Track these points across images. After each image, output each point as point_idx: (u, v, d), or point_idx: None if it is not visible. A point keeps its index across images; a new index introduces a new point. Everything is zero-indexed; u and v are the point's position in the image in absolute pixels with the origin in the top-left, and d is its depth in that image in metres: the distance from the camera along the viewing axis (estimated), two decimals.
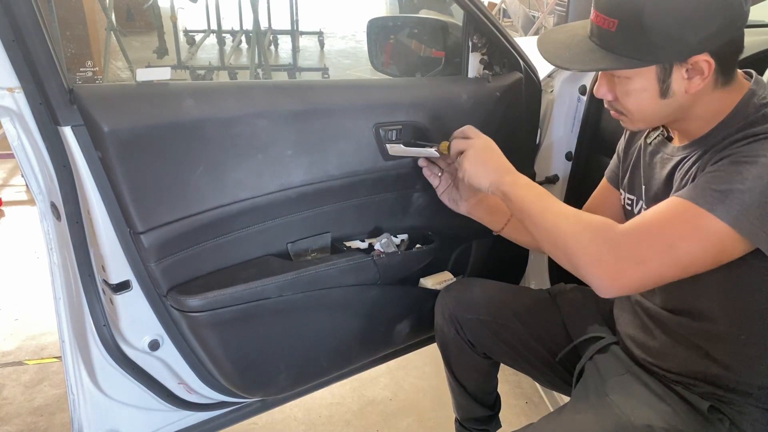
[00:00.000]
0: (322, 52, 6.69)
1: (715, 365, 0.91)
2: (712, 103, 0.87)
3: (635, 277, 0.82)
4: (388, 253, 1.32)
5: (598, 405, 0.98)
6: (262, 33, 5.30)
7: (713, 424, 0.90)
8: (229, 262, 1.15)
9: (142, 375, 1.20)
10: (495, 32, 1.31)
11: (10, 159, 3.58)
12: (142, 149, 0.97)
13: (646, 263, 0.81)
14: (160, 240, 1.02)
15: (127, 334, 1.11)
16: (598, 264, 0.84)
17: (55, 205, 1.03)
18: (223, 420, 1.40)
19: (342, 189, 1.22)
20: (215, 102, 1.04)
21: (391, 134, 1.24)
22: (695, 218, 0.79)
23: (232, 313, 1.12)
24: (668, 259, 0.81)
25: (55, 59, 0.89)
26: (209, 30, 6.21)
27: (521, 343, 1.21)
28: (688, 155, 0.91)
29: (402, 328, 1.42)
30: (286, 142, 1.11)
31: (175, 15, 5.24)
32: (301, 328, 1.26)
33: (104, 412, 1.21)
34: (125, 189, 0.97)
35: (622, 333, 1.08)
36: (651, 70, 0.84)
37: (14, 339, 2.04)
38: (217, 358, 1.18)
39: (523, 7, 5.80)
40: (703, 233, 0.79)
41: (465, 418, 1.40)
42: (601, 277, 0.83)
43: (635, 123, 0.94)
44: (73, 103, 0.91)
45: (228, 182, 1.07)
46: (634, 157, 1.07)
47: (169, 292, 1.08)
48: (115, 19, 4.86)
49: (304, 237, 1.23)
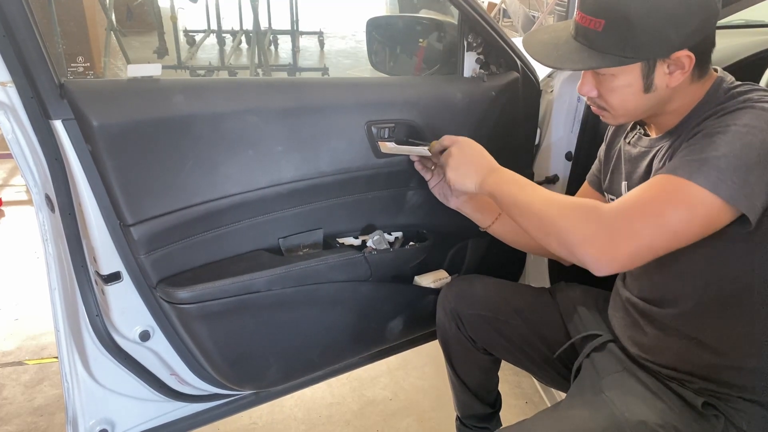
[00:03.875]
0: (322, 52, 6.69)
1: (706, 353, 0.93)
2: (687, 95, 0.92)
3: (629, 251, 0.83)
4: (380, 250, 1.32)
5: (593, 401, 0.99)
6: (262, 33, 5.31)
7: (708, 420, 0.91)
8: (219, 255, 1.16)
9: (134, 365, 1.21)
10: (490, 32, 1.31)
11: (10, 159, 3.58)
12: (132, 143, 0.99)
13: (638, 236, 0.83)
14: (150, 232, 1.04)
15: (118, 325, 1.13)
16: (591, 242, 0.84)
17: (50, 197, 1.05)
18: (217, 412, 1.41)
19: (334, 186, 1.23)
20: (205, 98, 1.06)
21: (384, 132, 1.24)
22: (677, 188, 0.81)
23: (221, 305, 1.13)
24: (658, 230, 0.82)
25: (45, 55, 0.91)
26: (209, 30, 6.21)
27: (521, 339, 1.22)
28: (663, 144, 0.95)
29: (395, 326, 1.43)
30: (276, 138, 1.13)
31: (175, 15, 5.24)
32: (291, 322, 1.27)
33: (98, 401, 1.23)
34: (114, 182, 0.99)
35: (617, 331, 1.09)
36: (636, 66, 0.88)
37: (14, 339, 2.04)
38: (206, 350, 1.19)
39: (523, 7, 5.80)
40: (687, 201, 0.81)
41: (466, 415, 1.41)
42: (596, 254, 0.84)
43: (617, 118, 0.97)
44: (63, 98, 0.93)
45: (218, 177, 1.08)
46: (615, 158, 1.11)
47: (158, 284, 1.09)
48: (114, 19, 4.86)
49: (296, 233, 1.24)
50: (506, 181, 1.03)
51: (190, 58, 5.70)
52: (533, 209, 0.94)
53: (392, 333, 1.44)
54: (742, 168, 0.78)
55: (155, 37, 5.52)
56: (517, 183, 1.01)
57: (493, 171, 1.06)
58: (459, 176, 1.09)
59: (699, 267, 0.91)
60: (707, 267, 0.91)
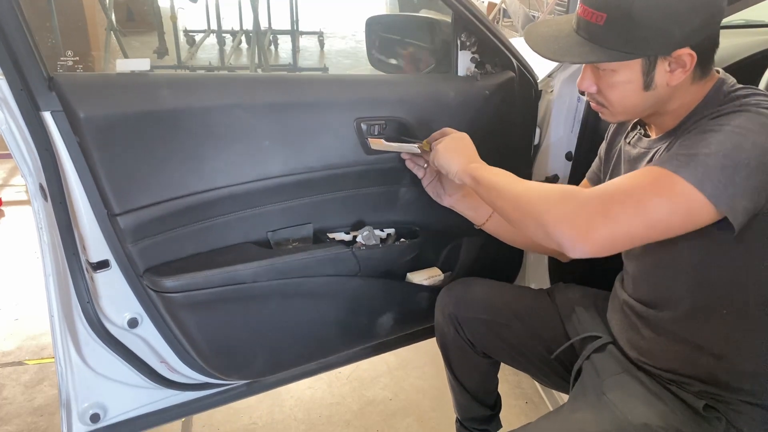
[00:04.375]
0: (322, 52, 6.69)
1: (704, 356, 0.92)
2: (688, 96, 0.91)
3: (604, 234, 0.81)
4: (369, 246, 1.32)
5: (595, 404, 0.98)
6: (262, 33, 5.31)
7: (710, 423, 0.91)
8: (207, 247, 1.18)
9: (125, 351, 1.24)
10: (484, 31, 1.31)
11: (11, 159, 3.58)
12: (119, 135, 1.02)
13: (615, 219, 0.81)
14: (137, 222, 1.07)
15: (108, 311, 1.16)
16: (567, 221, 0.83)
17: (43, 186, 1.08)
18: (208, 401, 1.43)
19: (323, 181, 1.24)
20: (192, 92, 1.09)
21: (374, 129, 1.25)
22: (662, 178, 0.81)
23: (206, 295, 1.16)
24: (637, 217, 0.81)
25: (33, 48, 0.95)
26: (209, 30, 6.21)
27: (520, 342, 1.21)
28: (661, 145, 0.95)
29: (386, 322, 1.44)
30: (263, 133, 1.15)
31: (175, 15, 5.23)
32: (278, 314, 1.28)
33: (90, 386, 1.25)
34: (102, 172, 1.02)
35: (616, 333, 1.09)
36: (636, 63, 0.87)
37: (14, 339, 2.04)
38: (192, 338, 1.21)
39: (523, 7, 5.80)
40: (670, 192, 0.80)
41: (465, 417, 1.40)
42: (571, 234, 0.82)
43: (616, 115, 0.97)
44: (51, 90, 0.97)
45: (204, 170, 1.11)
46: (615, 158, 1.10)
47: (145, 273, 1.12)
48: (114, 19, 4.86)
49: (286, 227, 1.26)
50: (489, 169, 1.05)
51: (190, 58, 5.70)
52: (512, 192, 0.94)
53: (383, 329, 1.45)
54: (729, 168, 0.78)
55: (155, 37, 5.51)
56: (500, 172, 1.03)
57: (478, 161, 1.10)
58: (444, 160, 1.12)
59: (691, 268, 0.91)
60: (699, 268, 0.90)
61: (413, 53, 1.64)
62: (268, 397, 1.78)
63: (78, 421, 1.26)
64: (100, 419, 1.27)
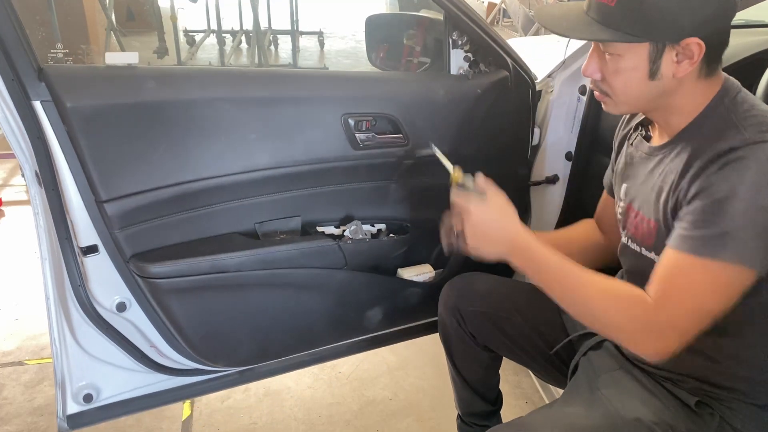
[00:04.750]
0: (322, 52, 6.70)
1: (700, 358, 0.92)
2: (692, 94, 0.89)
3: (679, 343, 0.85)
4: (356, 240, 1.33)
5: (589, 399, 0.99)
6: (262, 33, 5.31)
7: (702, 419, 0.91)
8: (194, 236, 1.21)
9: (115, 334, 1.27)
10: (477, 30, 1.32)
11: (10, 159, 3.58)
12: (105, 125, 1.06)
13: (685, 330, 0.84)
14: (123, 209, 1.11)
15: (97, 295, 1.19)
16: (642, 341, 0.87)
17: (38, 173, 1.11)
18: (200, 387, 1.44)
19: (310, 175, 1.26)
20: (178, 85, 1.12)
21: (361, 125, 1.27)
22: (709, 272, 0.82)
23: (191, 282, 1.18)
24: (702, 319, 0.84)
25: (22, 41, 1.00)
26: (209, 30, 6.21)
27: (521, 335, 1.22)
28: (664, 156, 0.94)
29: (374, 316, 1.44)
30: (250, 126, 1.17)
31: (175, 15, 5.23)
32: (263, 303, 1.31)
33: (84, 367, 1.28)
34: (89, 160, 1.06)
35: None
36: (644, 48, 0.86)
37: (14, 339, 2.04)
38: (177, 323, 1.24)
39: (523, 7, 5.80)
40: (723, 284, 0.82)
41: (466, 412, 1.41)
42: (649, 351, 0.87)
43: (619, 105, 0.95)
44: (41, 81, 1.01)
45: (190, 161, 1.14)
46: (620, 162, 1.10)
47: (131, 258, 1.15)
48: (115, 19, 4.86)
49: (274, 219, 1.28)
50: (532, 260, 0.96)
51: (190, 58, 5.71)
52: (575, 298, 0.93)
53: (372, 323, 1.45)
54: (762, 234, 0.79)
55: (155, 37, 5.52)
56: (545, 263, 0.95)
57: (516, 248, 0.97)
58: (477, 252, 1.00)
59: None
60: None
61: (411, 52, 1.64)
62: (268, 397, 1.78)
63: (72, 400, 1.29)
64: (93, 399, 1.30)
